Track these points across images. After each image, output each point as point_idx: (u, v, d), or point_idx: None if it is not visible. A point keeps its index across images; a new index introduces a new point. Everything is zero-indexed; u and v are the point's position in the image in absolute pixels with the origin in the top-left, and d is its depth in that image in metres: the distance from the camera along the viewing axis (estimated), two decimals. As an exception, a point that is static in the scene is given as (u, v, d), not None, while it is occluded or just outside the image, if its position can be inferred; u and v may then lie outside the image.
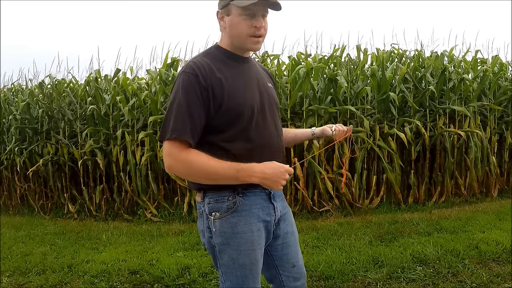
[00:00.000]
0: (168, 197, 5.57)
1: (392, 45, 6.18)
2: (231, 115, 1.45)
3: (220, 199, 1.49)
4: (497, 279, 2.86)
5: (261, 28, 1.47)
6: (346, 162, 2.21)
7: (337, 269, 3.10)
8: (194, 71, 1.43)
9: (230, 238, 1.49)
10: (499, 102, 5.73)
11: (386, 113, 5.29)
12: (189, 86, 1.42)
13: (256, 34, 1.47)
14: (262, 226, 1.54)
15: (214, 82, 1.43)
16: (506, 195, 5.60)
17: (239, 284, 1.52)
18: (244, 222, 1.50)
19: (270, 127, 1.56)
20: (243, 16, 1.44)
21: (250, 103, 1.49)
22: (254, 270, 1.53)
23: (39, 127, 6.07)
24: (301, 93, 5.14)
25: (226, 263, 1.52)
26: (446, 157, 5.31)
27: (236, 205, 1.49)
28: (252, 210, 1.52)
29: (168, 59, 5.71)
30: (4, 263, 3.67)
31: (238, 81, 1.50)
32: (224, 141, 1.47)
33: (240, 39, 1.49)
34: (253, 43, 1.49)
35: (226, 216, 1.49)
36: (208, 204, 1.51)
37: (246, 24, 1.45)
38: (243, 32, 1.46)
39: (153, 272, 3.26)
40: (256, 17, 1.45)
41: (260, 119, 1.52)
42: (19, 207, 6.33)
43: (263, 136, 1.52)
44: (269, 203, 1.57)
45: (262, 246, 1.56)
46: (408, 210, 4.96)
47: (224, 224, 1.49)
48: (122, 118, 5.60)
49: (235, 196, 1.49)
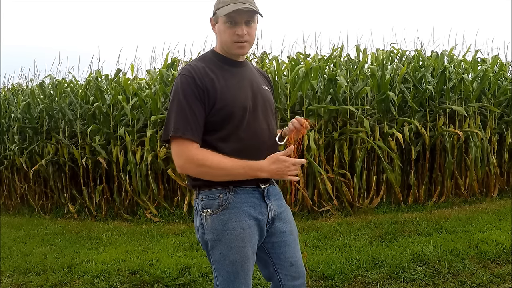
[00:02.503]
0: (168, 197, 5.57)
1: (391, 45, 6.19)
2: (223, 114, 1.51)
3: (212, 196, 1.55)
4: (497, 279, 2.86)
5: (244, 35, 1.53)
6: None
7: (337, 269, 3.10)
8: (191, 73, 1.51)
9: (221, 234, 1.54)
10: (499, 102, 5.74)
11: (386, 113, 5.29)
12: (187, 87, 1.49)
13: (239, 41, 1.53)
14: (253, 223, 1.58)
15: (208, 82, 1.51)
16: (506, 195, 5.60)
17: (231, 279, 1.57)
18: (235, 219, 1.54)
19: (262, 128, 1.61)
20: (227, 23, 1.52)
21: (242, 104, 1.55)
22: (245, 267, 1.57)
23: (40, 127, 6.07)
24: (300, 93, 5.14)
25: (217, 259, 1.57)
26: (446, 157, 5.31)
27: (227, 203, 1.54)
28: (243, 207, 1.56)
29: (168, 59, 5.72)
30: (4, 263, 3.68)
31: (230, 82, 1.56)
32: (217, 140, 1.53)
33: (227, 46, 1.57)
34: (237, 48, 1.56)
35: (217, 213, 1.54)
36: (201, 201, 1.57)
37: (229, 32, 1.53)
38: (228, 39, 1.54)
39: (153, 272, 3.27)
40: (238, 25, 1.52)
41: (251, 120, 1.57)
42: (19, 207, 6.33)
43: (255, 137, 1.57)
44: (261, 201, 1.60)
45: (253, 244, 1.59)
46: (408, 210, 4.96)
47: (215, 221, 1.54)
48: (123, 118, 5.60)
49: (226, 193, 1.54)
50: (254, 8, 1.51)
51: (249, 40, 1.56)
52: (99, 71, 6.02)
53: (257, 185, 1.59)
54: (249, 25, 1.54)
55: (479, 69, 5.59)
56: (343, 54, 5.93)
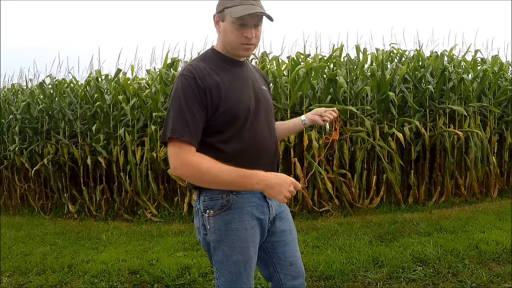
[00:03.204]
0: (168, 197, 5.57)
1: (391, 45, 6.19)
2: (228, 117, 1.49)
3: (214, 197, 1.53)
4: (497, 279, 2.86)
5: (252, 38, 1.50)
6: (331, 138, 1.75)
7: (337, 269, 3.10)
8: (192, 73, 1.47)
9: (224, 235, 1.53)
10: (498, 102, 5.73)
11: (386, 113, 5.29)
12: (188, 88, 1.45)
13: (247, 43, 1.51)
14: (256, 223, 1.58)
15: (212, 84, 1.47)
16: (506, 195, 5.60)
17: (233, 280, 1.56)
18: (238, 220, 1.53)
19: (263, 129, 1.60)
20: (235, 25, 1.48)
21: (246, 105, 1.53)
22: (247, 267, 1.57)
23: (40, 127, 6.07)
24: (300, 93, 5.14)
25: (220, 259, 1.56)
26: (446, 157, 5.31)
27: (230, 203, 1.53)
28: (245, 208, 1.55)
29: (168, 59, 5.72)
30: (4, 263, 3.68)
31: (235, 84, 1.54)
32: (220, 142, 1.51)
33: (232, 46, 1.53)
34: (243, 50, 1.54)
35: (220, 213, 1.53)
36: (203, 202, 1.55)
37: (237, 33, 1.49)
38: (234, 40, 1.51)
39: (153, 272, 3.27)
40: (247, 27, 1.48)
41: (254, 121, 1.56)
42: (19, 207, 6.33)
43: (256, 138, 1.56)
44: (263, 201, 1.60)
45: (256, 244, 1.59)
46: (408, 210, 4.96)
47: (218, 222, 1.53)
48: (123, 118, 5.60)
49: (228, 194, 1.53)
50: (266, 13, 1.48)
51: (255, 43, 1.54)
52: (99, 71, 6.02)
53: None
54: (257, 27, 1.52)
55: (479, 69, 5.59)
56: (343, 54, 5.93)
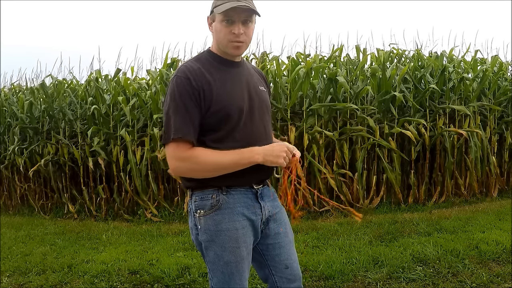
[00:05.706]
0: (168, 197, 5.57)
1: (391, 45, 6.19)
2: (219, 116, 1.50)
3: (205, 197, 1.54)
4: (497, 279, 2.86)
5: (240, 34, 1.50)
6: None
7: (337, 269, 3.10)
8: (186, 74, 1.49)
9: (215, 235, 1.53)
10: (498, 102, 5.73)
11: (386, 113, 5.29)
12: (183, 89, 1.47)
13: (235, 40, 1.51)
14: (247, 224, 1.57)
15: (204, 84, 1.49)
16: (506, 195, 5.60)
17: (226, 280, 1.56)
18: (228, 220, 1.53)
19: (258, 129, 1.61)
20: (224, 22, 1.49)
21: (238, 106, 1.54)
22: (239, 267, 1.56)
23: (40, 127, 6.07)
24: (301, 93, 5.14)
25: (212, 259, 1.56)
26: (446, 157, 5.31)
27: (220, 203, 1.53)
28: (236, 208, 1.55)
29: (168, 59, 5.72)
30: (4, 263, 3.68)
31: (227, 83, 1.54)
32: (213, 141, 1.52)
33: (222, 44, 1.54)
34: (233, 48, 1.53)
35: (210, 213, 1.54)
36: (194, 202, 1.57)
37: (226, 30, 1.50)
38: (223, 37, 1.52)
39: (153, 272, 3.27)
40: (235, 23, 1.49)
41: (248, 121, 1.56)
42: (19, 207, 6.33)
43: (251, 137, 1.56)
44: (255, 202, 1.59)
45: (248, 244, 1.58)
46: (408, 210, 4.96)
47: (209, 222, 1.54)
48: (123, 118, 5.60)
49: (218, 194, 1.54)
50: (252, 7, 1.49)
51: (245, 40, 1.53)
52: (99, 71, 6.02)
53: (251, 186, 1.59)
54: (246, 24, 1.51)
55: (479, 69, 5.59)
56: (343, 54, 5.93)
